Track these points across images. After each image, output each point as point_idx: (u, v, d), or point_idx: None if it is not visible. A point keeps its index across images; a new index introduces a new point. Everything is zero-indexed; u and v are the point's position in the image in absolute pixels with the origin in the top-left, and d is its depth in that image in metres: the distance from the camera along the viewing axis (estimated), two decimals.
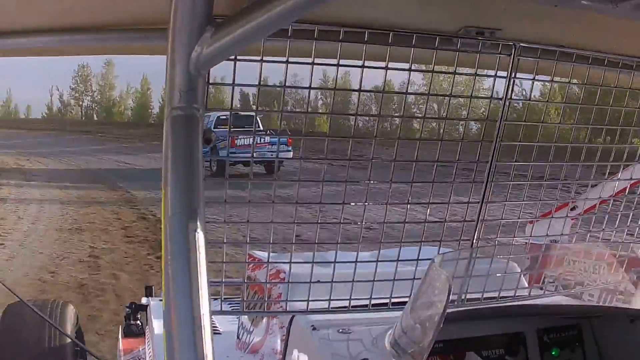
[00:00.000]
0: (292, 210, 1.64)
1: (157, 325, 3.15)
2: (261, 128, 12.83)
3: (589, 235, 2.03)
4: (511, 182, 1.83)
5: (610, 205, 2.03)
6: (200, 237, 1.05)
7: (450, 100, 1.80)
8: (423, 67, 1.65)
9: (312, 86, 1.53)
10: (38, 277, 7.28)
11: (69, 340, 2.94)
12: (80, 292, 6.76)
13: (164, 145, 1.13)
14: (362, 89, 1.63)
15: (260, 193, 1.67)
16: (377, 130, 1.63)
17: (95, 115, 55.32)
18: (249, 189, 1.61)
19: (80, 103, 55.25)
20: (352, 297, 1.73)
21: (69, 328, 3.06)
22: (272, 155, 13.20)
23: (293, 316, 1.80)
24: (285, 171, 13.18)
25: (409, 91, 1.70)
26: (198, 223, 1.05)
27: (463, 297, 1.77)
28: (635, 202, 2.02)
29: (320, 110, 23.15)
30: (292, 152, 11.59)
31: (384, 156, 1.69)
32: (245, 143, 13.30)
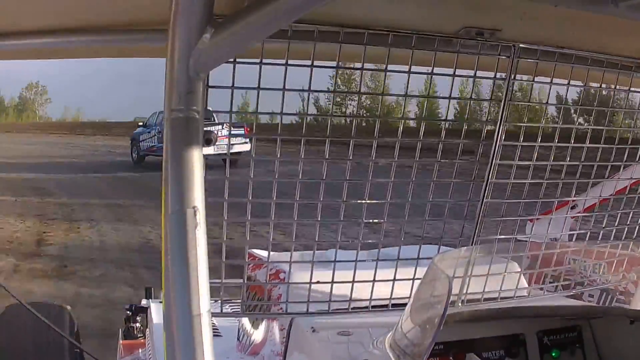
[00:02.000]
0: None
1: (157, 327, 3.14)
2: (217, 121, 12.76)
3: (589, 234, 2.03)
4: (511, 182, 1.82)
5: (611, 204, 2.03)
6: (200, 236, 1.05)
7: (450, 101, 1.80)
8: (422, 69, 1.65)
9: (311, 88, 1.53)
10: None
11: (67, 344, 2.94)
12: None
13: (164, 147, 1.13)
14: (360, 90, 1.63)
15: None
16: (377, 132, 1.63)
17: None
18: (249, 187, 1.61)
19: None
20: (352, 298, 1.72)
21: (66, 332, 3.06)
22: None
23: (293, 318, 1.79)
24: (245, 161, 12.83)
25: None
26: (198, 222, 1.05)
27: (463, 298, 1.77)
28: (635, 202, 2.02)
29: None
30: (249, 144, 10.95)
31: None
32: None
